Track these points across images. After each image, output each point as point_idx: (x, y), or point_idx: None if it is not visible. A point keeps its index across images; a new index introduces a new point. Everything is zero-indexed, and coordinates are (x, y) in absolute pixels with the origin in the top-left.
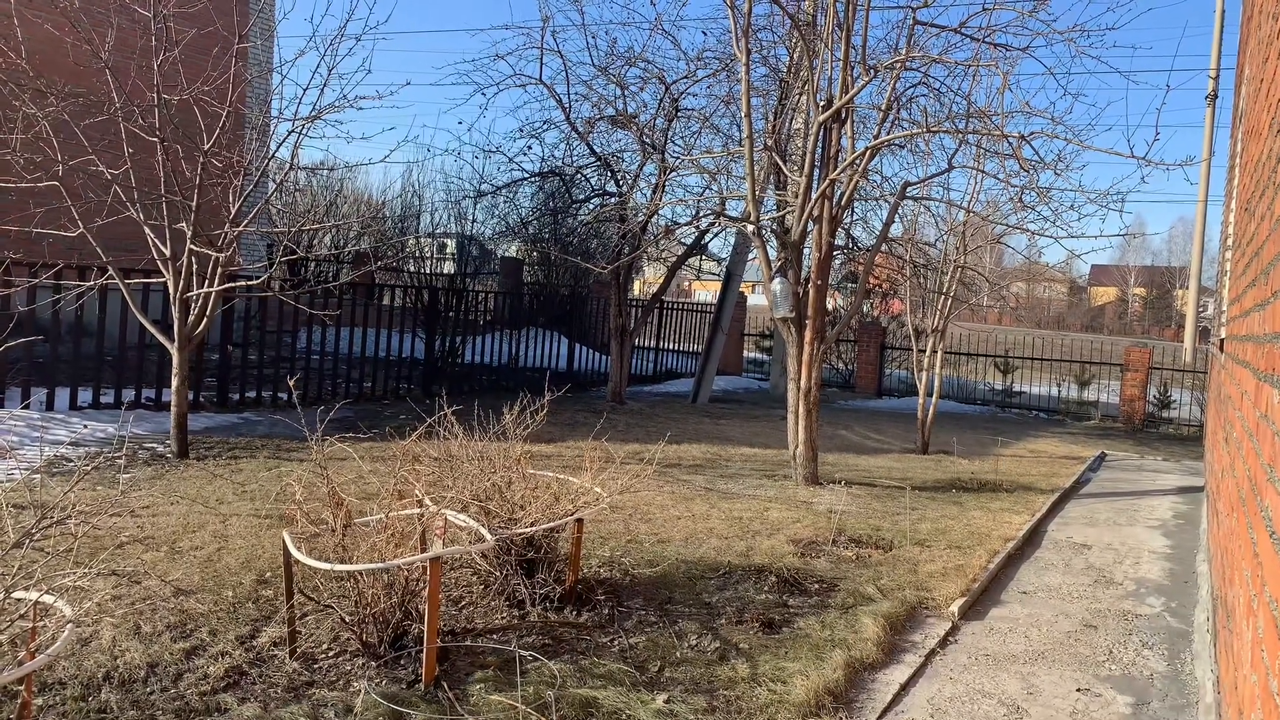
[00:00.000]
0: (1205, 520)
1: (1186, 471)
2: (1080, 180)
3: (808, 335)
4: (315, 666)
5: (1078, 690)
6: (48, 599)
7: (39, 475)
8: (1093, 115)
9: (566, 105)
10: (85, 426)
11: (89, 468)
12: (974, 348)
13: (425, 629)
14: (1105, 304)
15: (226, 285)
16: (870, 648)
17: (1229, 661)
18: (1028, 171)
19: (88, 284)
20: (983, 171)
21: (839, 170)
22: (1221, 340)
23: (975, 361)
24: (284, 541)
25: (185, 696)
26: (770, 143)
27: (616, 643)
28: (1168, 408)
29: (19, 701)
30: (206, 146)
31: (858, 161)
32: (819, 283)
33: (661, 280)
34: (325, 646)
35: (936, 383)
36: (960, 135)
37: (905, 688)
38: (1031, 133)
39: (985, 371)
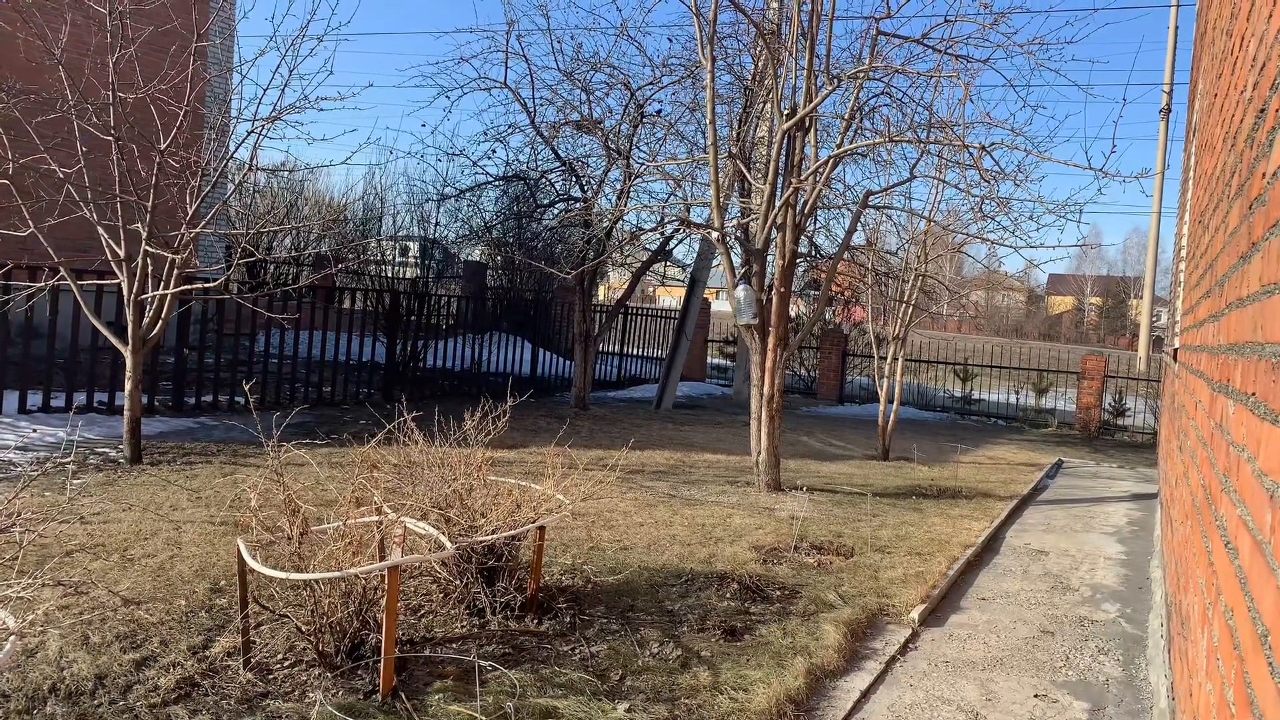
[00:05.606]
0: (1159, 527)
1: (1140, 478)
2: (1039, 191)
3: (771, 342)
4: (270, 677)
5: (1035, 696)
6: None
7: None
8: (1052, 127)
9: (531, 110)
10: (34, 430)
11: (36, 473)
12: (934, 355)
13: (383, 638)
14: (1062, 313)
15: (182, 287)
16: (832, 655)
17: (1183, 669)
18: (988, 182)
19: (38, 285)
20: (944, 181)
21: (802, 178)
22: (1176, 350)
23: (935, 369)
24: (238, 549)
25: (134, 709)
26: (735, 150)
27: (578, 651)
28: (1123, 415)
29: None
30: (163, 146)
31: (821, 170)
32: (782, 290)
33: (626, 286)
34: (280, 656)
35: (897, 390)
36: (922, 145)
37: (866, 695)
38: (992, 144)
39: (945, 379)
